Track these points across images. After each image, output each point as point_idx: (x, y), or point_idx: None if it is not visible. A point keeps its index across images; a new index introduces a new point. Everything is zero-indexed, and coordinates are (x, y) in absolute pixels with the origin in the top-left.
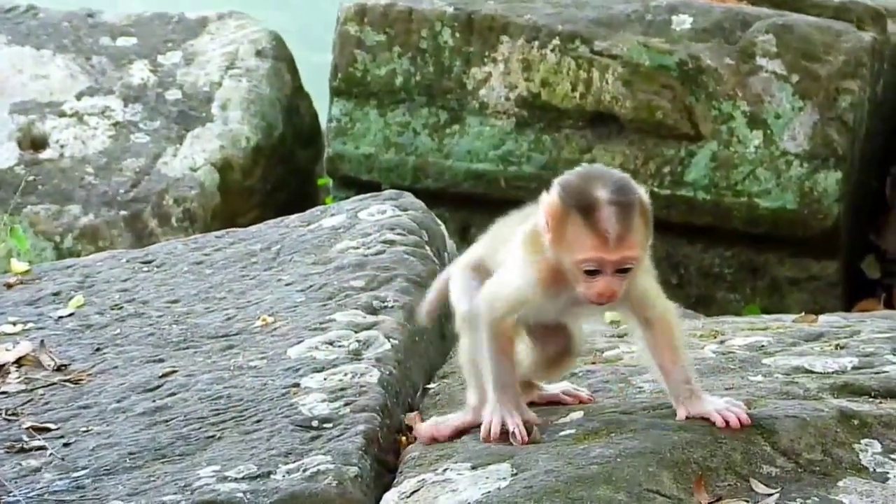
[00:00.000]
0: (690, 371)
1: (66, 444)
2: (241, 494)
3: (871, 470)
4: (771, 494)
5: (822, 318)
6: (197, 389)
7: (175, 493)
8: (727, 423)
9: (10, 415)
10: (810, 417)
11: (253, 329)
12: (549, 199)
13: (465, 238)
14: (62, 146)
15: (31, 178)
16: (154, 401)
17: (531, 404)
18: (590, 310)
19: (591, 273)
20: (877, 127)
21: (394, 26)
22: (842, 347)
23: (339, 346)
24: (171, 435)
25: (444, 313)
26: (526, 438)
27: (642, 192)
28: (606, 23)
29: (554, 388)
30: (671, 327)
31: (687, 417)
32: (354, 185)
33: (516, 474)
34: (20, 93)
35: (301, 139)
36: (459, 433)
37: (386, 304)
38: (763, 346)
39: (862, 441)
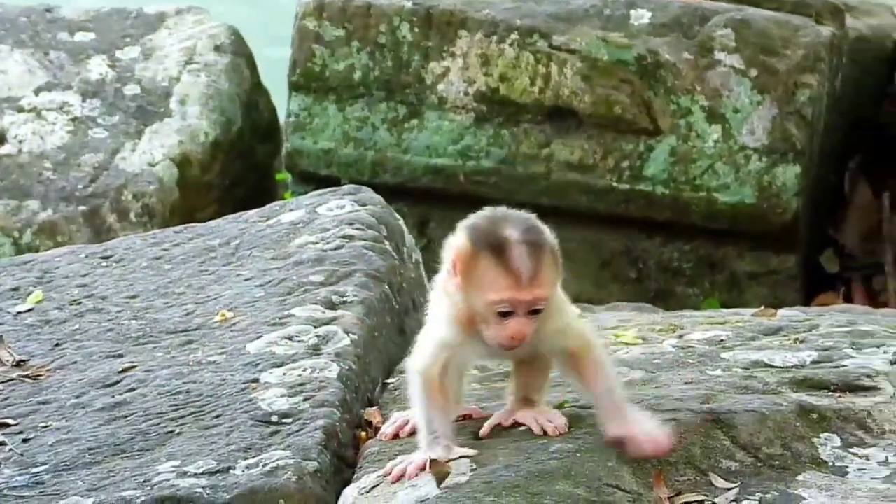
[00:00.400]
0: (618, 395)
1: (24, 440)
2: (200, 490)
3: (831, 464)
4: (730, 489)
5: (781, 312)
6: (156, 385)
7: (134, 489)
8: (646, 448)
9: None
10: (769, 412)
11: (212, 324)
12: (457, 242)
13: (423, 233)
14: (20, 141)
15: None
16: (113, 396)
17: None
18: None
19: (504, 315)
20: (835, 122)
21: (352, 21)
22: (801, 341)
23: (299, 342)
24: (131, 430)
25: (402, 308)
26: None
27: (549, 233)
28: (565, 17)
29: (526, 414)
30: (590, 352)
31: (612, 437)
32: (313, 180)
33: (476, 469)
34: None
35: (260, 134)
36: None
37: (345, 298)
38: (722, 340)
39: (821, 435)
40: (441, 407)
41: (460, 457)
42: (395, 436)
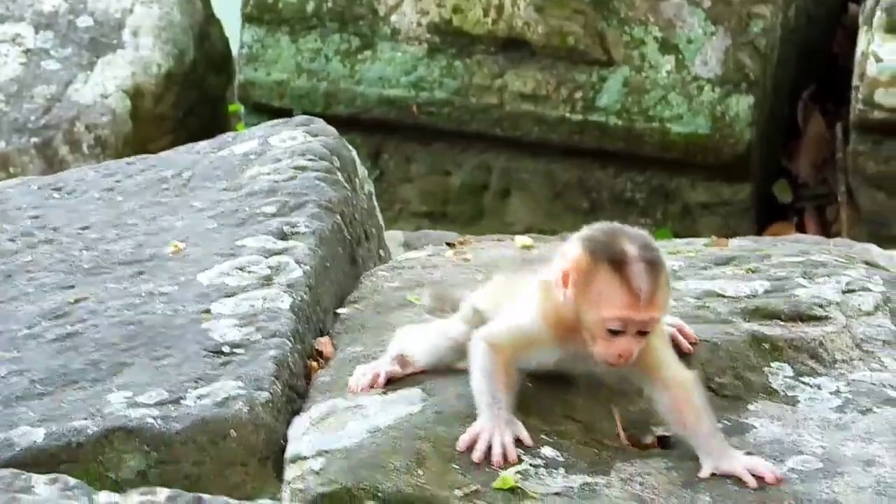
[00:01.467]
0: (715, 428)
1: None
2: (151, 420)
3: (782, 394)
4: None
5: (734, 242)
6: (107, 316)
7: (86, 419)
8: (760, 479)
9: None
10: (721, 342)
11: (164, 255)
12: (573, 252)
13: (376, 164)
14: None
15: None
16: (65, 327)
17: None
18: (594, 366)
19: (614, 332)
20: (789, 53)
21: None
22: (753, 271)
23: (250, 272)
24: (82, 361)
25: (354, 239)
26: (511, 458)
27: (663, 252)
28: None
29: None
30: (690, 387)
31: (713, 474)
32: (266, 112)
33: (427, 400)
34: None
35: (212, 66)
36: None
37: (297, 229)
38: (675, 270)
39: (773, 365)
40: (505, 387)
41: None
42: (371, 386)
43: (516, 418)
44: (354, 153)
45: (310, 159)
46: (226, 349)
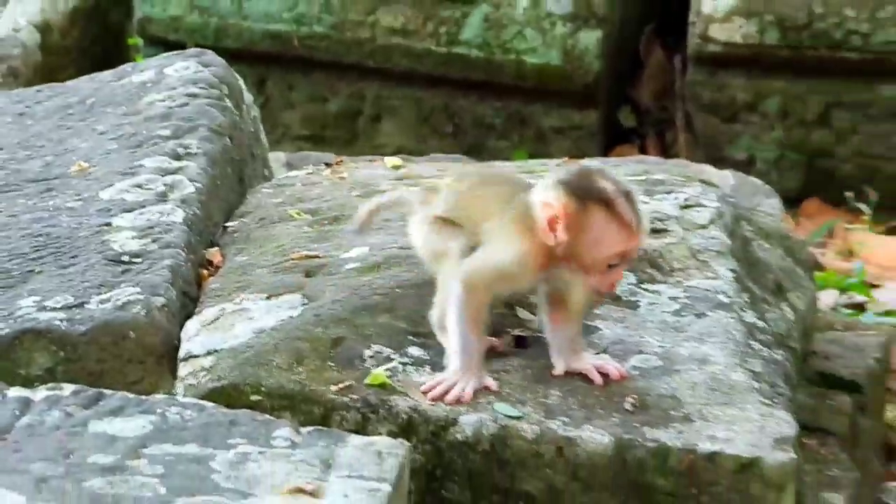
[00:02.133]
0: (578, 334)
1: None
2: (58, 322)
3: (625, 299)
4: (532, 319)
5: (583, 162)
6: (18, 228)
7: None
8: (606, 376)
9: None
10: None
11: (69, 174)
12: (558, 200)
13: (261, 91)
14: None
15: None
16: None
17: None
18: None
19: (611, 266)
20: None
21: None
22: None
23: (148, 189)
24: None
25: (241, 159)
26: (465, 401)
27: None
28: None
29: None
30: (576, 294)
31: (566, 372)
32: (162, 45)
33: (307, 304)
34: None
35: (114, 2)
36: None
37: (190, 150)
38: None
39: None
40: (479, 332)
41: (485, 387)
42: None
43: (486, 375)
44: (241, 82)
45: (201, 87)
46: (125, 259)
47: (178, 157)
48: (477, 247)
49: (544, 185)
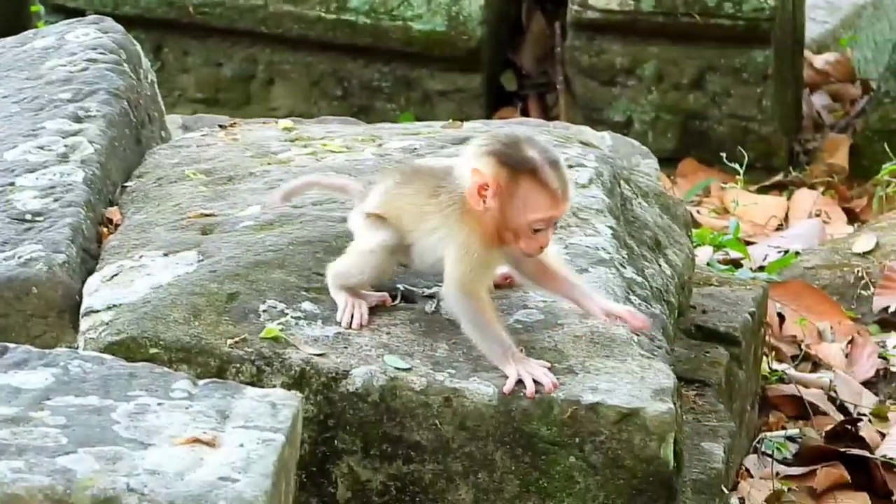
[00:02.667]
0: (581, 280)
1: None
2: None
3: None
4: (418, 279)
5: (467, 124)
6: None
7: None
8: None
9: None
10: None
11: None
12: (486, 167)
13: (158, 57)
14: None
15: None
16: None
17: None
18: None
19: (537, 230)
20: None
21: None
22: None
23: (49, 150)
24: None
25: (139, 121)
26: (556, 383)
27: None
28: None
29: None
30: (561, 259)
31: (607, 315)
32: (63, 12)
33: (202, 261)
34: None
35: None
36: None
37: (90, 113)
38: (415, 148)
39: None
40: (497, 322)
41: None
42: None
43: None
44: (139, 47)
45: (100, 53)
46: (28, 217)
47: (78, 120)
48: (405, 241)
49: (472, 152)
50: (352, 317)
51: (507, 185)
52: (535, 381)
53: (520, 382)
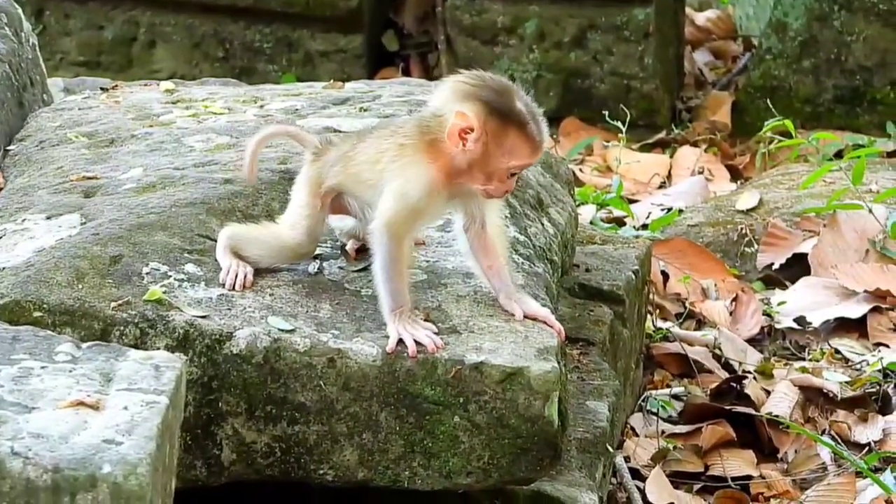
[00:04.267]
0: (511, 276)
1: None
2: None
3: None
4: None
5: (349, 84)
6: None
7: None
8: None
9: None
10: None
11: None
12: (476, 114)
13: (39, 20)
14: None
15: None
16: None
17: None
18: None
19: (512, 174)
20: None
21: None
22: (365, 110)
23: None
24: None
25: (21, 85)
26: (440, 344)
27: None
28: None
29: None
30: (503, 235)
31: (525, 317)
32: None
33: (85, 223)
34: None
35: None
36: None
37: None
38: (297, 109)
39: None
40: (406, 277)
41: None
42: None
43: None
44: (20, 10)
45: None
46: None
47: None
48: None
49: (456, 93)
50: (235, 277)
51: (495, 134)
52: (418, 343)
53: (402, 343)
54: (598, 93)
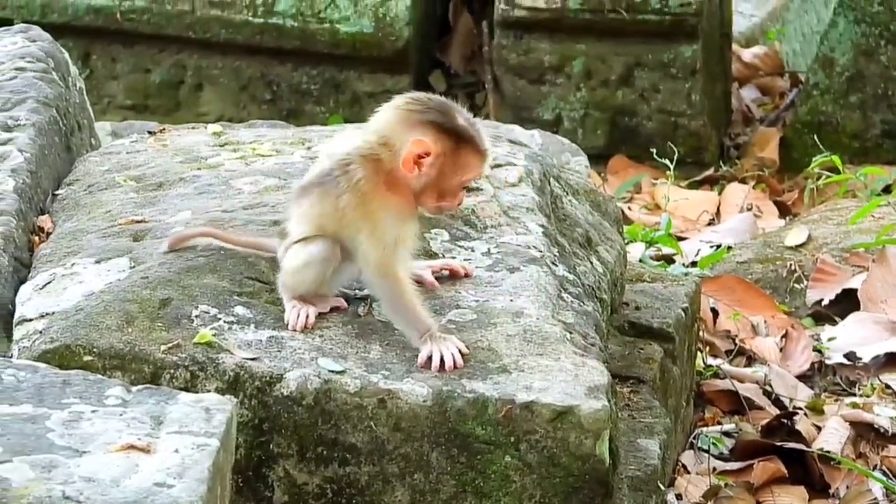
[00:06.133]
0: None
1: None
2: None
3: (441, 255)
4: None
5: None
6: None
7: None
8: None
9: None
10: None
11: None
12: (431, 137)
13: (86, 64)
14: None
15: None
16: None
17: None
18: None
19: (465, 187)
20: None
21: None
22: None
23: None
24: None
25: (69, 129)
26: (460, 364)
27: None
28: None
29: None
30: None
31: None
32: None
33: (134, 267)
34: None
35: None
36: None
37: (19, 122)
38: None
39: (432, 231)
40: (419, 300)
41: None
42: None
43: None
44: (67, 55)
45: (28, 61)
46: None
47: (7, 129)
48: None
49: (402, 121)
50: (297, 316)
51: (449, 154)
52: (445, 359)
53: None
54: (646, 130)
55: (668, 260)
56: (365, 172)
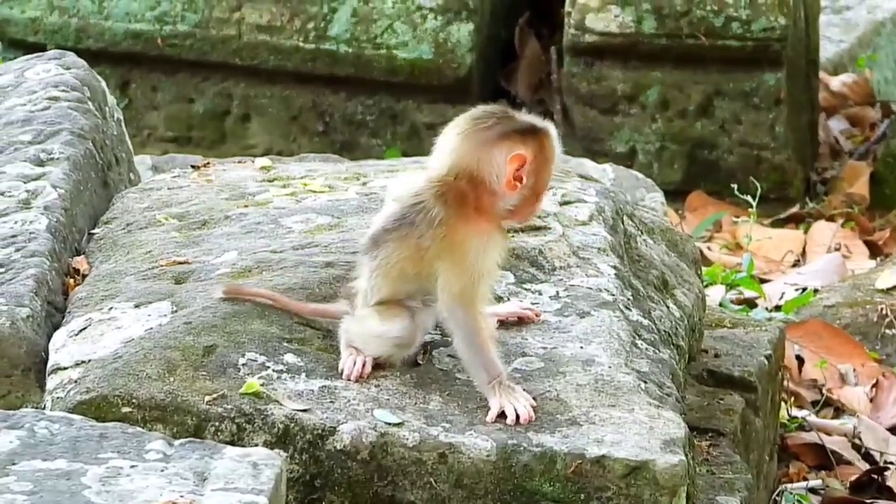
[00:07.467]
0: None
1: None
2: None
3: (506, 299)
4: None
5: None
6: None
7: None
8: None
9: None
10: None
11: None
12: (525, 148)
13: (125, 93)
14: None
15: None
16: None
17: None
18: None
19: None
20: None
21: None
22: None
23: (10, 196)
24: None
25: (106, 163)
26: (532, 417)
27: None
28: None
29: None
30: None
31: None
32: (22, 47)
33: (176, 311)
34: None
35: None
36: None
37: (52, 156)
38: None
39: None
40: (493, 344)
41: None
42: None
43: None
44: (104, 84)
45: (62, 90)
46: None
47: (40, 163)
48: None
49: (479, 143)
50: (353, 365)
51: (539, 152)
52: (519, 412)
53: (503, 415)
54: (726, 164)
55: (751, 304)
56: (444, 208)
